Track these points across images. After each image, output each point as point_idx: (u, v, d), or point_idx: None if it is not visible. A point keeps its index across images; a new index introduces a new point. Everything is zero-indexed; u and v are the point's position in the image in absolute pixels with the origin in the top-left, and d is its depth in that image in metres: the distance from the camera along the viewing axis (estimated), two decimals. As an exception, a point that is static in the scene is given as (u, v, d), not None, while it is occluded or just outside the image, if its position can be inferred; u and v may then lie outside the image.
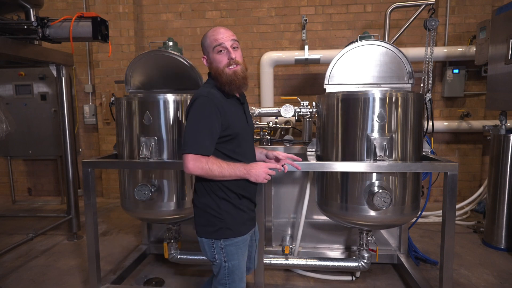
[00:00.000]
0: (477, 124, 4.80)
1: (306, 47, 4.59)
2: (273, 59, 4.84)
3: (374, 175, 2.39)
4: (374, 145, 2.32)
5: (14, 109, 5.05)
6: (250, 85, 5.21)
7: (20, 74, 5.07)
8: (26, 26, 2.93)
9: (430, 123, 2.70)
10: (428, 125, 2.68)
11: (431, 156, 2.56)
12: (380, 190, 2.29)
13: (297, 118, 2.95)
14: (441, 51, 4.62)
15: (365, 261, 2.75)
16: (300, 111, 2.89)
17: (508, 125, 3.54)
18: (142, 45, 5.47)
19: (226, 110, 1.72)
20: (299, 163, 1.98)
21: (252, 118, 2.02)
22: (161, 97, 2.59)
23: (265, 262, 2.83)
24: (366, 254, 2.74)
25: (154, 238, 3.49)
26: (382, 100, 2.34)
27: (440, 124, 4.81)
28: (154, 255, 3.46)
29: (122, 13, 5.23)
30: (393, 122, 2.35)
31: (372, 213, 2.41)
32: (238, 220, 1.80)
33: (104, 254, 3.44)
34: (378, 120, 2.33)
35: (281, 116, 2.95)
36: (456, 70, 4.76)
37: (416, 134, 2.44)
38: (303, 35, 4.97)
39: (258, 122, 3.50)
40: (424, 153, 2.59)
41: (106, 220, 4.65)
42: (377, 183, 2.38)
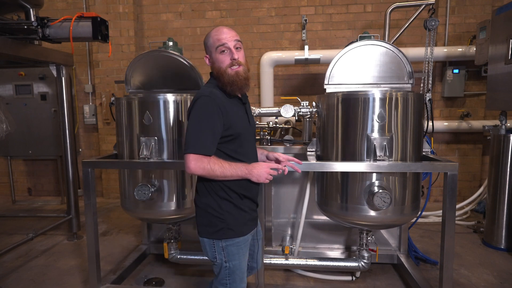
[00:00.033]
0: (477, 124, 4.80)
1: (306, 47, 4.59)
2: (273, 59, 4.84)
3: (374, 175, 2.39)
4: (374, 145, 2.32)
5: (14, 109, 5.05)
6: (250, 85, 5.21)
7: (20, 74, 5.07)
8: (26, 26, 2.93)
9: (430, 123, 2.70)
10: (428, 125, 2.68)
11: (431, 156, 2.56)
12: (380, 190, 2.30)
13: (297, 118, 2.95)
14: (441, 51, 4.62)
15: (365, 261, 2.75)
16: (300, 111, 2.90)
17: (508, 125, 3.54)
18: (142, 45, 5.47)
19: (228, 110, 1.72)
20: (299, 166, 1.97)
21: (254, 118, 2.02)
22: (161, 97, 2.59)
23: (265, 262, 2.83)
24: (366, 254, 2.74)
25: (154, 238, 3.49)
26: (382, 100, 2.34)
27: (440, 124, 4.81)
28: (154, 255, 3.46)
29: (122, 13, 5.24)
30: (393, 122, 2.35)
31: (372, 213, 2.41)
32: (240, 220, 1.80)
33: (104, 254, 3.44)
34: (378, 120, 2.33)
35: (281, 116, 2.95)
36: (456, 70, 4.76)
37: (416, 134, 2.44)
38: (303, 35, 4.97)
39: (258, 122, 3.50)
40: (424, 153, 2.59)
41: (106, 220, 4.65)
42: (377, 183, 2.38)
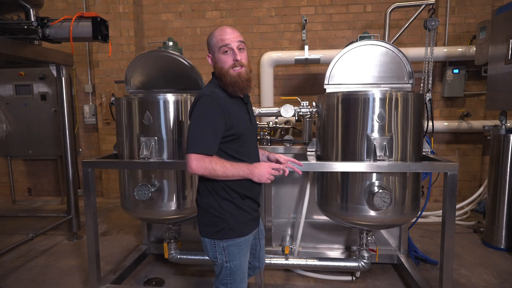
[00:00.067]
0: (477, 124, 4.80)
1: (306, 47, 4.59)
2: (273, 59, 4.85)
3: (374, 175, 2.39)
4: (374, 145, 2.32)
5: (14, 109, 5.05)
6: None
7: (20, 74, 5.07)
8: (26, 26, 2.93)
9: (430, 123, 2.70)
10: (428, 125, 2.68)
11: (431, 156, 2.56)
12: (380, 190, 2.29)
13: (297, 118, 2.95)
14: (441, 51, 4.62)
15: (365, 261, 2.75)
16: (300, 111, 2.89)
17: (508, 125, 3.54)
18: (142, 45, 5.47)
19: (229, 110, 1.72)
20: (300, 168, 1.97)
21: (255, 118, 2.01)
22: (161, 97, 2.59)
23: (265, 262, 2.82)
24: (366, 254, 2.74)
25: (154, 238, 3.49)
26: (382, 100, 2.34)
27: (440, 124, 4.81)
28: (154, 255, 3.46)
29: (122, 13, 5.24)
30: (393, 122, 2.35)
31: (372, 213, 2.41)
32: (241, 220, 1.80)
33: (104, 254, 3.44)
34: (378, 120, 2.33)
35: (281, 116, 2.95)
36: (456, 70, 4.76)
37: (416, 134, 2.44)
38: (303, 35, 4.97)
39: (258, 122, 3.49)
40: (424, 153, 2.59)
41: (106, 220, 4.65)
42: (377, 183, 2.38)
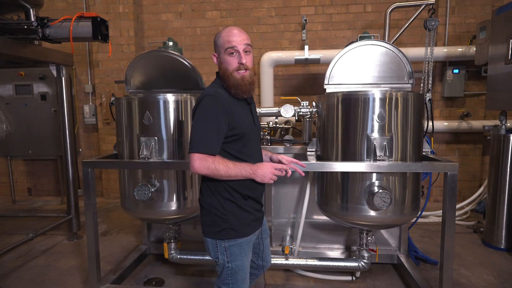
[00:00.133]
0: (477, 124, 4.80)
1: (306, 47, 4.59)
2: (273, 59, 4.84)
3: (374, 175, 2.39)
4: (374, 145, 2.32)
5: (14, 109, 5.05)
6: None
7: (20, 74, 5.07)
8: (26, 26, 2.93)
9: (430, 123, 2.70)
10: (428, 125, 2.68)
11: (431, 156, 2.56)
12: (380, 190, 2.29)
13: (297, 118, 2.95)
14: (441, 51, 4.62)
15: (365, 261, 2.75)
16: (300, 111, 2.89)
17: (508, 125, 3.54)
18: (142, 45, 5.47)
19: (232, 110, 1.72)
20: (302, 169, 1.97)
21: (259, 119, 2.01)
22: (161, 97, 2.59)
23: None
24: (366, 254, 2.74)
25: (154, 238, 3.49)
26: (382, 100, 2.34)
27: (440, 124, 4.81)
28: (154, 255, 3.46)
29: (122, 13, 5.24)
30: (393, 122, 2.35)
31: (372, 213, 2.41)
32: (243, 221, 1.80)
33: (104, 254, 3.44)
34: (378, 120, 2.33)
35: (281, 116, 2.95)
36: (456, 70, 4.76)
37: (416, 134, 2.44)
38: (303, 35, 4.97)
39: (258, 122, 3.50)
40: (424, 153, 2.59)
41: (106, 220, 4.65)
42: (377, 183, 2.38)
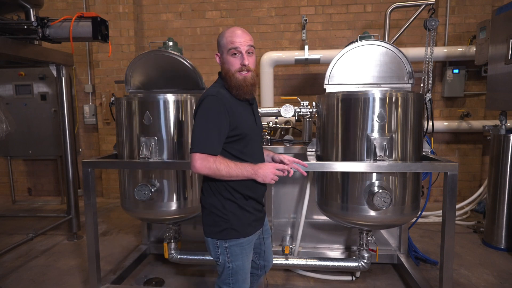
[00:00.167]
0: (477, 124, 4.80)
1: (306, 47, 4.59)
2: (273, 59, 4.84)
3: (374, 175, 2.39)
4: (374, 145, 2.32)
5: (14, 109, 5.05)
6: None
7: (20, 74, 5.07)
8: (26, 26, 2.93)
9: (430, 123, 2.70)
10: (428, 125, 2.68)
11: (431, 156, 2.56)
12: (380, 190, 2.29)
13: (297, 118, 2.95)
14: (441, 51, 4.62)
15: (365, 261, 2.75)
16: (300, 111, 2.89)
17: (508, 125, 3.54)
18: (142, 45, 5.47)
19: (234, 110, 1.72)
20: (305, 169, 1.97)
21: (260, 119, 2.01)
22: (161, 97, 2.59)
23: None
24: (366, 254, 2.74)
25: (154, 238, 3.49)
26: (382, 100, 2.34)
27: (440, 124, 4.81)
28: (154, 255, 3.46)
29: (122, 13, 5.24)
30: (393, 122, 2.35)
31: (372, 213, 2.41)
32: (244, 221, 1.80)
33: (104, 254, 3.44)
34: (378, 120, 2.33)
35: (281, 116, 2.95)
36: (456, 70, 4.76)
37: (416, 134, 2.44)
38: (303, 35, 4.97)
39: (258, 122, 3.50)
40: (424, 153, 2.59)
41: (106, 220, 4.65)
42: (377, 183, 2.38)
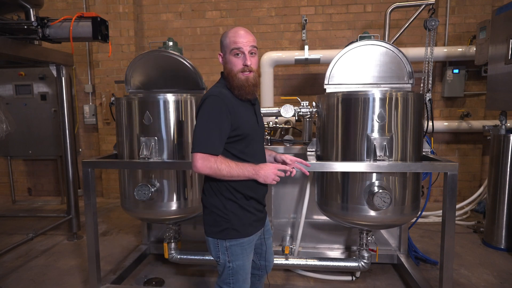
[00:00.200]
0: (477, 124, 4.80)
1: (306, 47, 4.59)
2: (273, 59, 4.84)
3: (374, 175, 2.39)
4: (374, 145, 2.32)
5: (14, 109, 5.05)
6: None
7: (20, 74, 5.07)
8: (26, 26, 2.93)
9: (430, 123, 2.70)
10: (428, 125, 2.68)
11: (431, 156, 2.56)
12: (380, 190, 2.29)
13: (297, 118, 2.95)
14: (441, 51, 4.62)
15: (365, 261, 2.75)
16: (300, 111, 2.89)
17: (508, 125, 3.54)
18: (142, 45, 5.47)
19: (236, 110, 1.73)
20: (307, 168, 1.95)
21: (263, 119, 2.01)
22: (161, 97, 2.59)
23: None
24: (366, 254, 2.74)
25: (154, 238, 3.49)
26: (382, 100, 2.34)
27: (440, 124, 4.81)
28: (154, 255, 3.46)
29: (122, 13, 5.24)
30: (393, 122, 2.35)
31: (372, 213, 2.41)
32: (245, 221, 1.80)
33: (104, 254, 3.44)
34: (378, 120, 2.33)
35: (281, 116, 2.95)
36: (456, 70, 4.76)
37: (416, 134, 2.44)
38: (303, 35, 4.97)
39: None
40: (424, 153, 2.59)
41: (106, 220, 4.65)
42: (377, 183, 2.38)
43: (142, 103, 2.60)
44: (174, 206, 2.71)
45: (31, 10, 3.08)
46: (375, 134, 2.34)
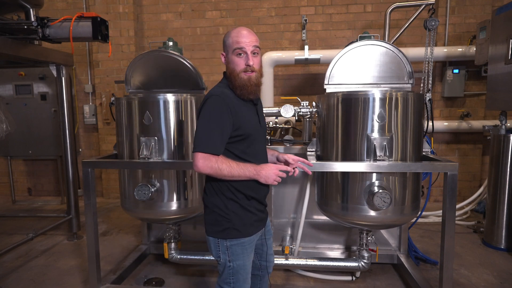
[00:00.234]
0: (477, 124, 4.80)
1: (306, 47, 4.59)
2: (273, 59, 4.84)
3: (374, 175, 2.39)
4: (374, 145, 2.32)
5: (14, 109, 5.05)
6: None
7: (20, 74, 5.07)
8: (26, 26, 2.93)
9: (430, 123, 2.70)
10: (428, 125, 2.68)
11: (431, 156, 2.56)
12: (380, 190, 2.29)
13: (297, 118, 2.95)
14: (441, 51, 4.62)
15: (365, 261, 2.75)
16: (300, 111, 2.89)
17: (508, 125, 3.54)
18: (142, 45, 5.47)
19: (238, 110, 1.72)
20: (310, 168, 1.95)
21: (265, 120, 2.00)
22: (161, 97, 2.59)
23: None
24: (366, 254, 2.74)
25: (154, 238, 3.49)
26: (382, 100, 2.34)
27: (440, 124, 4.80)
28: (154, 255, 3.46)
29: (122, 13, 5.24)
30: (393, 122, 2.35)
31: (372, 213, 2.41)
32: (245, 221, 1.80)
33: (104, 254, 3.44)
34: (378, 120, 2.33)
35: (281, 116, 2.95)
36: (456, 70, 4.76)
37: (416, 134, 2.44)
38: (303, 35, 4.97)
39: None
40: (424, 153, 2.59)
41: (106, 220, 4.65)
42: (377, 183, 2.38)
43: (142, 103, 2.60)
44: (174, 206, 2.71)
45: (31, 10, 3.08)
46: (375, 134, 2.34)
